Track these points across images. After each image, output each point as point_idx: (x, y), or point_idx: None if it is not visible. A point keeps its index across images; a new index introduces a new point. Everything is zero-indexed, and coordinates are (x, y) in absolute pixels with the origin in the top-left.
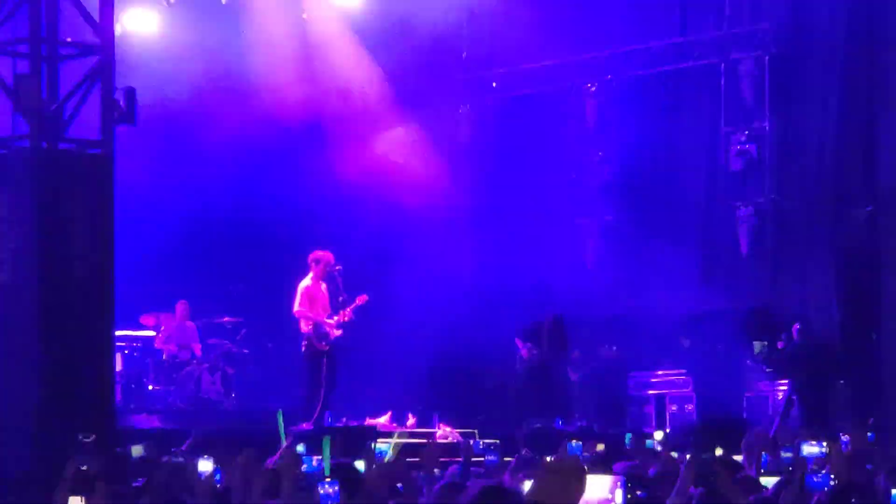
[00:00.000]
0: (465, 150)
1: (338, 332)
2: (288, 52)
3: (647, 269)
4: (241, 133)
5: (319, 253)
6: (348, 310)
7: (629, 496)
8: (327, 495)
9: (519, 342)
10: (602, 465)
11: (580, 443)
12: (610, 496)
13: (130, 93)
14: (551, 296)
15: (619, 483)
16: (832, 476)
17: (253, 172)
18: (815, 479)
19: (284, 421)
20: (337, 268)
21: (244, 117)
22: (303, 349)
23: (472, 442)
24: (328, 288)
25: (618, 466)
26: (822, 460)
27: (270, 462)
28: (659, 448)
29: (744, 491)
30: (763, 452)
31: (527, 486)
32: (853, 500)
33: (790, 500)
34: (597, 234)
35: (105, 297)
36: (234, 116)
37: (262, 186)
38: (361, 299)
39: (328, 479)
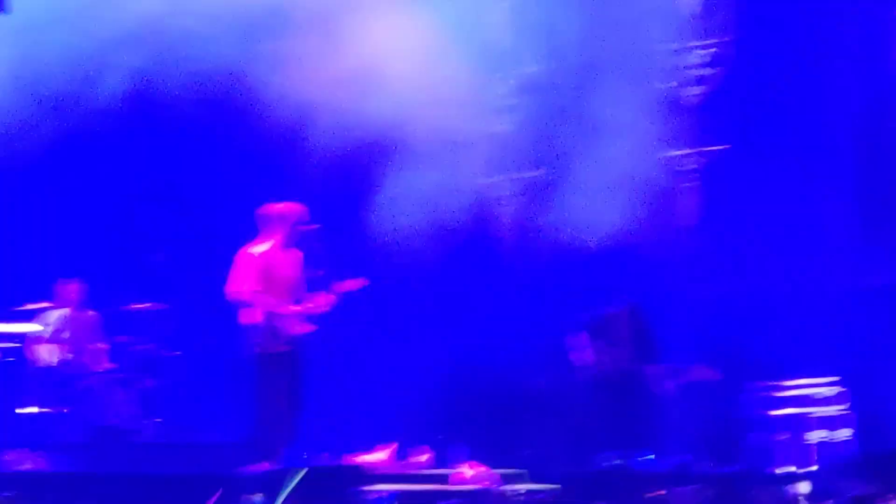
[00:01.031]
0: None
1: (304, 328)
2: None
3: (773, 223)
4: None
5: (286, 205)
6: (329, 294)
7: None
8: None
9: (579, 341)
10: None
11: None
12: None
13: None
14: (626, 270)
15: None
16: None
17: (180, 83)
18: None
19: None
20: (313, 227)
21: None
22: (252, 351)
23: (515, 489)
24: (298, 259)
25: None
26: None
27: None
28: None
29: None
30: None
31: None
32: None
33: None
34: (696, 173)
35: None
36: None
37: (190, 109)
38: (356, 283)
39: None
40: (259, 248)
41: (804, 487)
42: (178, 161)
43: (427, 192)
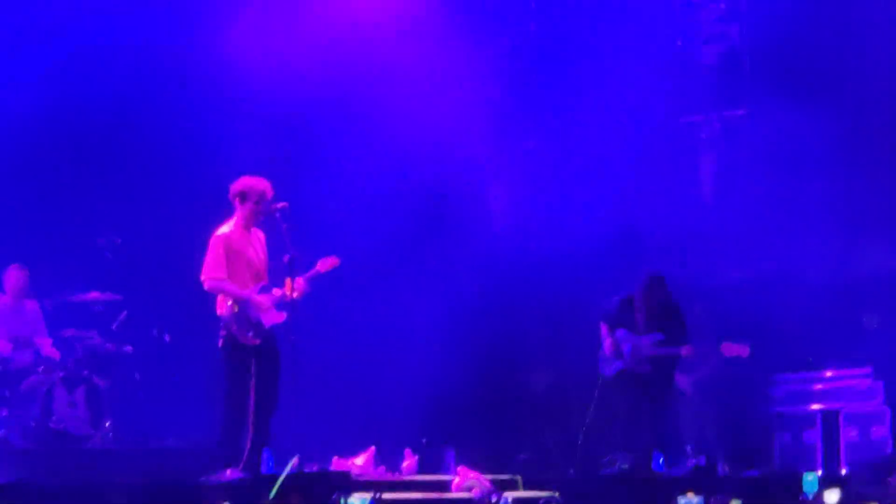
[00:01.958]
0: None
1: (278, 317)
2: None
3: (800, 200)
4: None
5: (247, 181)
6: (300, 279)
7: None
8: None
9: (606, 329)
10: None
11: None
12: None
13: None
14: (640, 250)
15: None
16: None
17: (141, 53)
18: None
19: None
20: (279, 206)
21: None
22: (220, 344)
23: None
24: (265, 241)
25: None
26: None
27: None
28: None
29: None
30: None
31: None
32: None
33: None
34: (716, 143)
35: None
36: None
37: (154, 78)
38: (328, 263)
39: None
40: (225, 228)
41: (831, 498)
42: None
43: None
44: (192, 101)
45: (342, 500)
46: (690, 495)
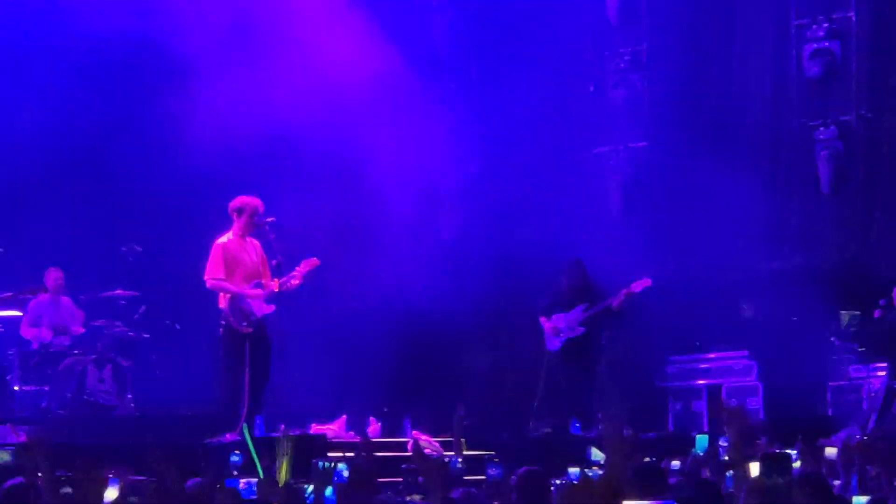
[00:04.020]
0: (444, 56)
1: (268, 309)
2: None
3: (692, 214)
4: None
5: (243, 199)
6: (286, 278)
7: None
8: None
9: (544, 320)
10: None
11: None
12: None
13: None
14: (562, 253)
15: None
16: None
17: (156, 94)
18: None
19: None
20: (268, 220)
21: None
22: (220, 332)
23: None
24: (258, 248)
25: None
26: None
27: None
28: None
29: None
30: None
31: None
32: None
33: None
34: (624, 168)
35: None
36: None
37: (166, 113)
38: (309, 264)
39: None
40: (223, 239)
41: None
42: (157, 145)
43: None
44: (191, 130)
45: (322, 465)
46: (596, 450)
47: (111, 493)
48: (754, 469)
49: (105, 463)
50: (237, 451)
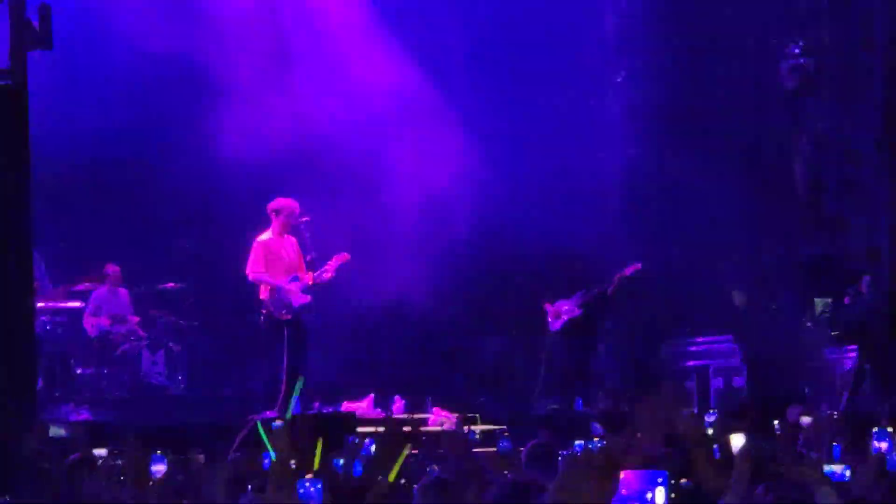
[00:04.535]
0: (459, 72)
1: (304, 299)
2: None
3: (681, 212)
4: (187, 60)
5: (281, 201)
6: (319, 272)
7: (673, 495)
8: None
9: (548, 305)
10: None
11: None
12: (649, 496)
13: (45, 11)
14: (567, 248)
15: (660, 480)
16: None
17: (204, 109)
18: None
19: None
20: (303, 219)
21: (193, 42)
22: (261, 320)
23: (468, 430)
24: (294, 244)
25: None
26: None
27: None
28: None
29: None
30: (833, 443)
31: None
32: None
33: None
34: (621, 172)
35: (22, 255)
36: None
37: (213, 127)
38: (341, 258)
39: (310, 477)
40: (263, 237)
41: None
42: (204, 155)
43: None
44: (234, 140)
45: (356, 440)
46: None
47: (159, 468)
48: (740, 439)
49: (156, 440)
50: (277, 424)
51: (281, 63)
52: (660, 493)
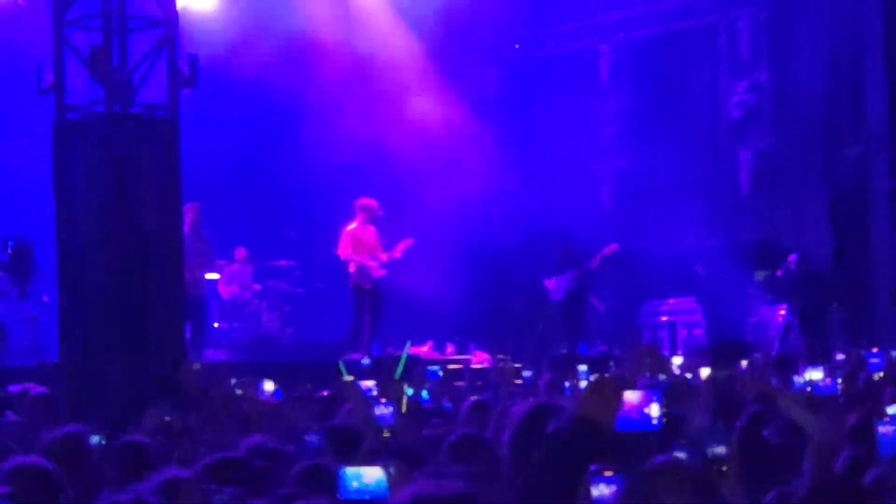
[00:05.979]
0: (492, 107)
1: (381, 272)
2: (334, 24)
3: (657, 208)
4: (293, 95)
5: (366, 200)
6: (391, 252)
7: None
8: (382, 416)
9: (548, 283)
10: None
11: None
12: (647, 409)
13: (193, 60)
14: (572, 233)
15: (654, 397)
16: None
17: (305, 132)
18: None
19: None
20: (380, 213)
21: (296, 81)
22: (350, 287)
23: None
24: (373, 231)
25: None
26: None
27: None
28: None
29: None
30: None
31: None
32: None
33: None
34: (611, 179)
35: (174, 246)
36: (287, 80)
37: (312, 145)
38: (406, 243)
39: (384, 401)
40: (351, 226)
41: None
42: (309, 167)
43: None
44: (332, 151)
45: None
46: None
47: (269, 385)
48: (706, 371)
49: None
50: (364, 362)
51: (361, 97)
52: (654, 408)
